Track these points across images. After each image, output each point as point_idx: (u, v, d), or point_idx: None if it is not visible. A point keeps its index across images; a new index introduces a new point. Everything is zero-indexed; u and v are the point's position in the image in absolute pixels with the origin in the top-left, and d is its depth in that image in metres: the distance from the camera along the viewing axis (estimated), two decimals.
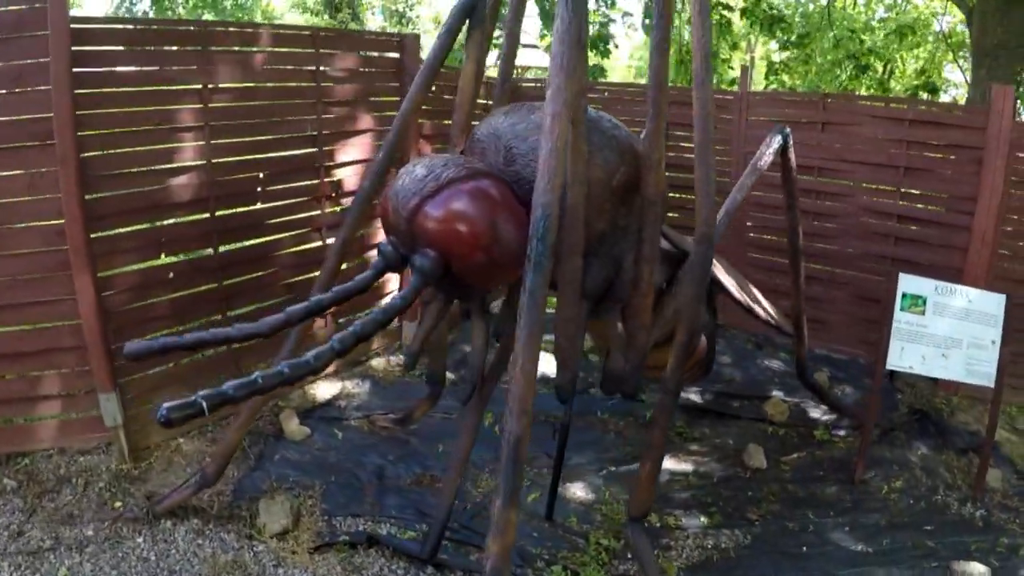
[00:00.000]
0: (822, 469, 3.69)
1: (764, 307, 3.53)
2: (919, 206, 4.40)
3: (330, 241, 3.84)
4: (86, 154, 2.76)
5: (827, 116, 4.62)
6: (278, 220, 3.51)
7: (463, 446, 2.63)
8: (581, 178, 2.23)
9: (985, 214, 3.99)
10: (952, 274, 4.10)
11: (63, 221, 2.74)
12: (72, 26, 2.63)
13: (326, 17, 15.46)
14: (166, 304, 3.15)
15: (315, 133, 3.56)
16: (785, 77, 9.29)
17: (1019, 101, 6.01)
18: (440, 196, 2.05)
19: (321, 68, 3.53)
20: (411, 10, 18.94)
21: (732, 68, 9.50)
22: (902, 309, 3.69)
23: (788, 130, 3.21)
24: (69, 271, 2.80)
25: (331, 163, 3.70)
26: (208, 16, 13.62)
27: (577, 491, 3.37)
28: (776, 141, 3.15)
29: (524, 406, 1.85)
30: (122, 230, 2.97)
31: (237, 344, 2.07)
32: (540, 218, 1.89)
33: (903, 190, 4.40)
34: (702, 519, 3.24)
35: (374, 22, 18.65)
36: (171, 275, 3.15)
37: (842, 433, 4.01)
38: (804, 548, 3.10)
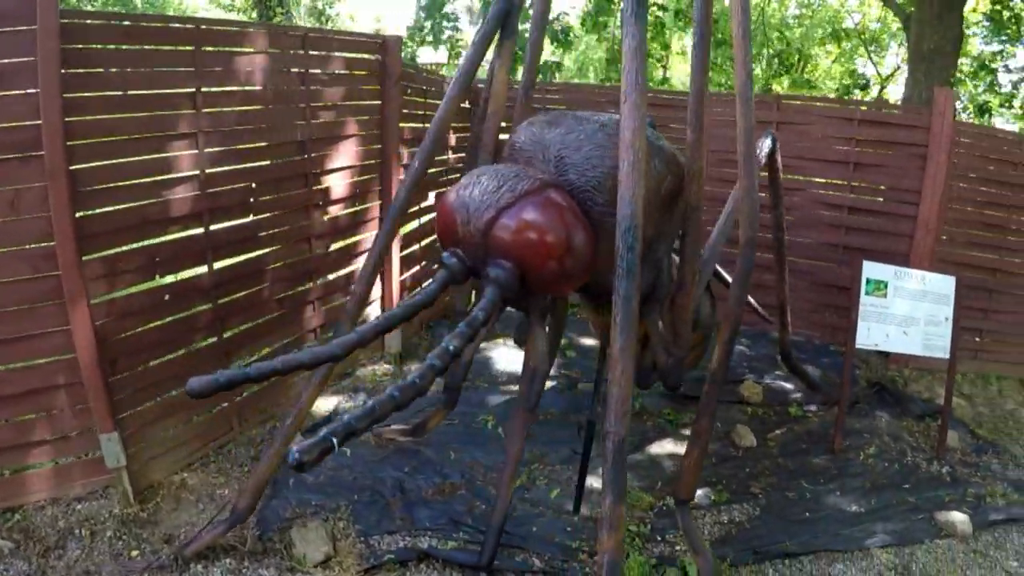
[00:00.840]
0: (804, 443, 3.98)
1: (751, 300, 3.78)
2: (867, 198, 4.79)
3: (318, 251, 3.72)
4: (76, 166, 2.51)
5: (781, 116, 4.94)
6: (270, 232, 3.36)
7: (514, 451, 2.65)
8: (641, 188, 2.31)
9: (929, 204, 4.42)
10: (900, 259, 4.52)
11: (53, 243, 2.48)
12: (62, 21, 2.39)
13: (254, 15, 14.65)
14: (161, 329, 2.94)
15: (303, 140, 3.43)
16: (712, 74, 9.77)
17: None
18: (516, 207, 2.07)
19: (309, 71, 3.40)
20: (331, 7, 18.38)
21: (666, 68, 9.91)
22: (867, 293, 4.03)
23: (775, 134, 3.42)
24: (61, 299, 2.54)
25: (318, 170, 3.58)
26: None
27: (590, 483, 3.47)
28: (766, 145, 3.35)
29: (625, 408, 1.93)
30: (116, 250, 2.73)
31: (306, 371, 1.96)
32: (628, 228, 1.97)
33: (853, 184, 4.77)
34: (712, 497, 3.42)
35: (298, 20, 17.96)
36: (167, 297, 2.94)
37: (814, 408, 4.34)
38: (807, 514, 3.35)
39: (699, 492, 3.48)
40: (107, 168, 2.61)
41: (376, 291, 4.34)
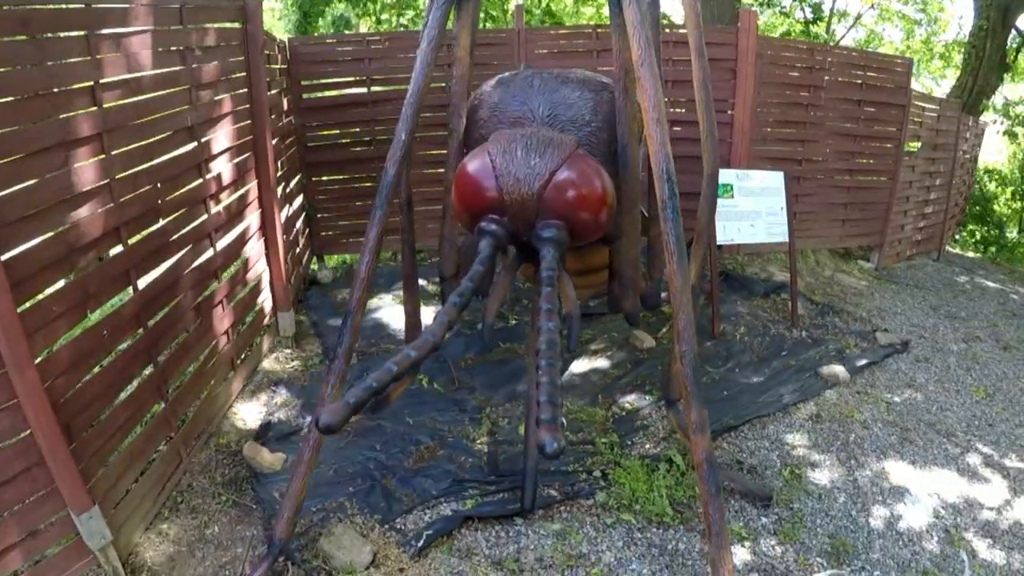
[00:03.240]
0: None
1: None
2: (686, 111, 5.48)
3: (219, 247, 3.38)
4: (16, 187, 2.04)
5: (600, 44, 5.36)
6: (178, 234, 2.99)
7: (535, 394, 2.82)
8: (637, 137, 2.56)
9: (741, 111, 5.23)
10: (722, 162, 5.30)
11: None
12: None
13: None
14: (104, 373, 2.54)
15: (192, 125, 3.04)
16: None
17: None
18: (566, 169, 2.20)
19: (190, 48, 2.98)
20: None
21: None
22: (719, 197, 4.73)
23: None
24: (2, 369, 2.08)
25: (208, 157, 3.21)
26: None
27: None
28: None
29: (692, 331, 2.23)
30: (47, 292, 2.29)
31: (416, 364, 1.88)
32: (666, 179, 2.22)
33: (672, 100, 5.41)
34: (647, 398, 3.96)
35: None
36: (105, 333, 2.54)
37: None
38: (725, 392, 4.06)
39: (633, 396, 3.99)
40: (19, 195, 2.14)
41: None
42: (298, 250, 4.92)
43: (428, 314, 4.45)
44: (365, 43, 5.33)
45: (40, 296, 2.23)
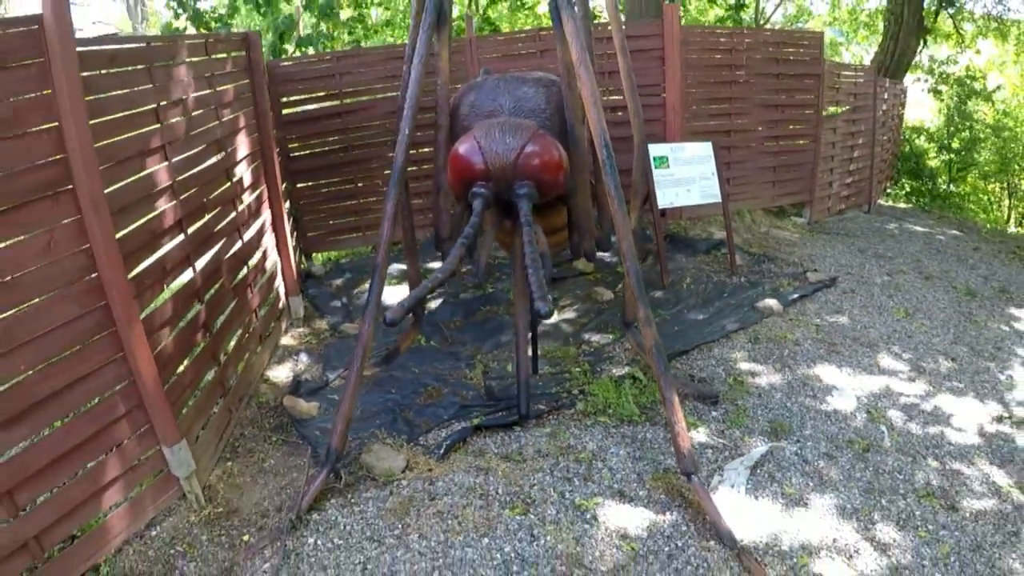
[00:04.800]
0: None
1: None
2: (622, 98, 6.39)
3: (246, 239, 4.18)
4: (109, 189, 2.75)
5: (542, 46, 6.28)
6: (217, 228, 3.78)
7: (522, 322, 3.67)
8: (580, 119, 3.45)
9: (672, 92, 6.18)
10: (659, 138, 6.24)
11: (96, 275, 2.69)
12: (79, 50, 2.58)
13: None
14: (181, 332, 3.32)
15: (220, 137, 3.84)
16: None
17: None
18: (531, 144, 3.07)
19: (214, 74, 3.78)
20: None
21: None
22: (656, 167, 5.66)
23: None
24: (112, 327, 2.76)
25: (231, 164, 4.01)
26: None
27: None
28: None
29: (634, 251, 3.11)
30: (143, 266, 3.04)
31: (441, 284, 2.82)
32: (604, 144, 3.11)
33: (613, 88, 6.33)
34: (609, 336, 4.84)
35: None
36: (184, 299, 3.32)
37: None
38: (676, 328, 4.96)
39: (598, 336, 4.87)
40: (122, 190, 2.90)
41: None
42: (292, 246, 5.71)
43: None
44: (335, 60, 6.15)
45: (139, 268, 3.00)
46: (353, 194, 6.39)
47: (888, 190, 11.87)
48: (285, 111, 6.09)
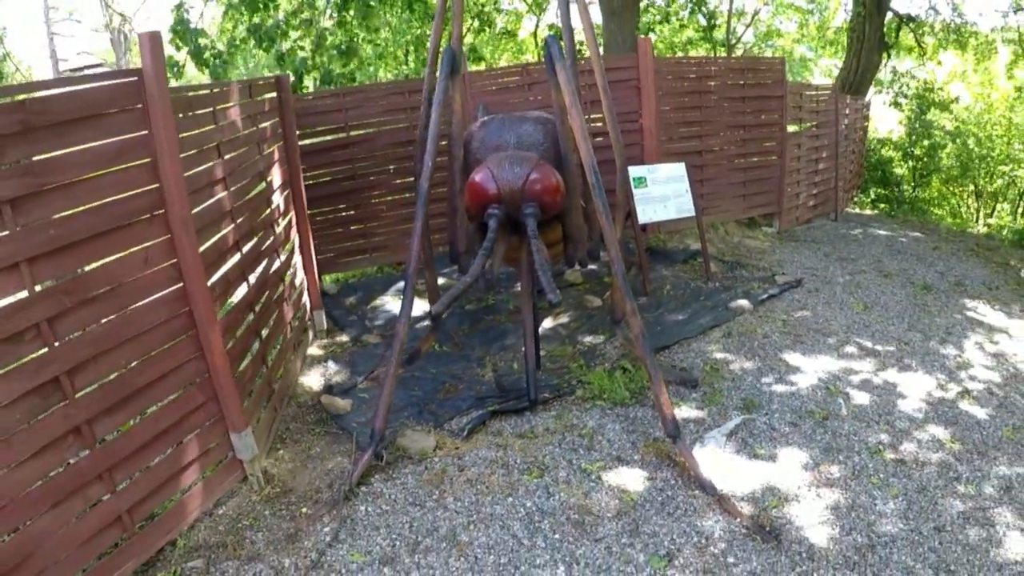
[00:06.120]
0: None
1: None
2: (601, 125, 7.19)
3: (283, 258, 4.87)
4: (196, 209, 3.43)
5: (530, 79, 7.08)
6: (261, 247, 4.48)
7: (528, 320, 4.39)
8: (573, 149, 4.21)
9: (648, 118, 6.99)
10: (637, 160, 7.03)
11: (181, 284, 3.33)
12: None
13: None
14: (242, 334, 3.99)
15: (262, 169, 4.55)
16: None
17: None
18: (537, 171, 3.83)
19: (257, 113, 4.51)
20: None
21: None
22: (636, 187, 6.44)
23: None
24: (194, 329, 3.41)
25: (271, 192, 4.72)
26: None
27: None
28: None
29: (618, 251, 3.85)
30: (216, 275, 3.70)
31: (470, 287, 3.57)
32: (594, 170, 3.86)
33: (593, 116, 7.12)
34: (600, 337, 5.56)
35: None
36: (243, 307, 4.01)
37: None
38: (659, 327, 5.70)
39: (590, 337, 5.59)
40: (200, 213, 3.57)
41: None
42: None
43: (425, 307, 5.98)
44: (342, 96, 6.90)
45: (212, 280, 3.68)
46: (360, 219, 7.10)
47: (855, 198, 12.80)
48: (300, 143, 6.81)
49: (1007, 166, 14.05)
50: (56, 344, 2.80)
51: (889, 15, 14.07)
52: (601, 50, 8.90)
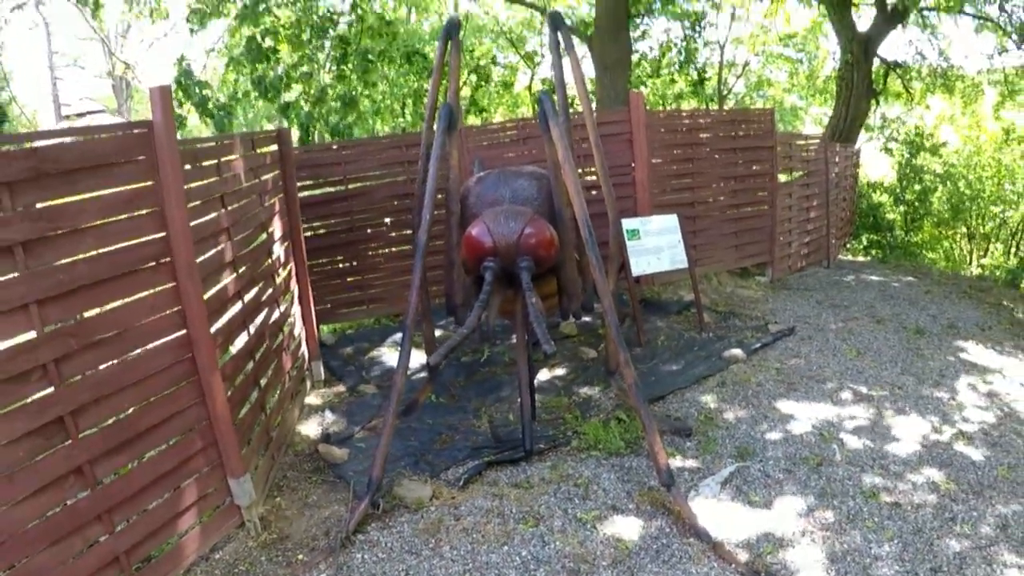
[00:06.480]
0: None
1: None
2: (594, 178, 7.39)
3: (282, 308, 4.98)
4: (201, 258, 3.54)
5: (524, 134, 7.32)
6: (261, 299, 4.59)
7: (524, 371, 4.48)
8: (566, 203, 4.38)
9: (640, 171, 7.20)
10: (630, 212, 7.21)
11: (185, 331, 3.43)
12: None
13: None
14: (238, 385, 4.07)
15: (264, 220, 4.70)
16: None
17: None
18: (532, 225, 3.98)
19: (259, 166, 4.67)
20: None
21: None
22: (629, 240, 6.60)
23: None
24: (196, 376, 3.50)
25: (271, 243, 4.86)
26: None
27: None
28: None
29: (613, 305, 3.97)
30: (217, 324, 3.79)
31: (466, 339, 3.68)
32: (587, 225, 4.01)
33: (586, 169, 7.32)
34: (595, 389, 5.65)
35: None
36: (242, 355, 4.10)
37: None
38: (653, 378, 5.79)
39: (585, 388, 5.67)
40: (206, 262, 3.68)
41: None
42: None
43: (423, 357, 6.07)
44: (340, 149, 7.11)
45: (214, 327, 3.78)
46: (358, 270, 7.23)
47: (848, 245, 13.01)
48: (300, 195, 6.98)
49: (998, 207, 14.33)
50: (61, 385, 2.90)
51: (876, 62, 14.49)
52: (594, 104, 9.20)
